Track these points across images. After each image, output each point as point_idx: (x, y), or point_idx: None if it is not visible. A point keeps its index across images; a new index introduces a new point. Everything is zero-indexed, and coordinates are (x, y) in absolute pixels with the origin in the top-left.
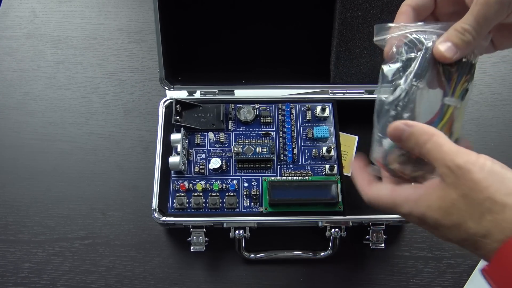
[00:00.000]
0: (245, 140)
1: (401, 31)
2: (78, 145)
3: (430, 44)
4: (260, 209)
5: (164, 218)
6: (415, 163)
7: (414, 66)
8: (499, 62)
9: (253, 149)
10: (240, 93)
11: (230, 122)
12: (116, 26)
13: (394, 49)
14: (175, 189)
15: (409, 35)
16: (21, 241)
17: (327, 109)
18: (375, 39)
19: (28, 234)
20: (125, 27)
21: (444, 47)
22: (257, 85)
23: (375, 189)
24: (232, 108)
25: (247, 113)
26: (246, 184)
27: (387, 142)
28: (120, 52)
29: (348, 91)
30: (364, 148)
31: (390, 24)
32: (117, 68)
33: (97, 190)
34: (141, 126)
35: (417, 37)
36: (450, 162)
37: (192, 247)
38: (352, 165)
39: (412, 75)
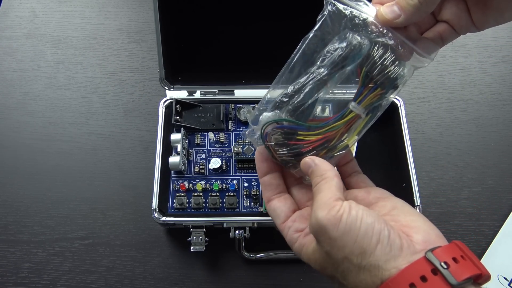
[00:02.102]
0: (245, 140)
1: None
2: (78, 145)
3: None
4: (260, 209)
5: (164, 218)
6: (291, 150)
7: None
8: (499, 62)
9: (253, 149)
10: (240, 93)
11: (230, 122)
12: (116, 26)
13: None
14: (175, 189)
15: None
16: (21, 241)
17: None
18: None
19: (28, 234)
20: (125, 27)
21: (388, 8)
22: (257, 85)
23: (271, 205)
24: (232, 108)
25: (247, 113)
26: (246, 184)
27: (269, 114)
28: (120, 52)
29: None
30: (364, 148)
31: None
32: (117, 68)
33: (97, 190)
34: (141, 126)
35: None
36: (313, 218)
37: (192, 247)
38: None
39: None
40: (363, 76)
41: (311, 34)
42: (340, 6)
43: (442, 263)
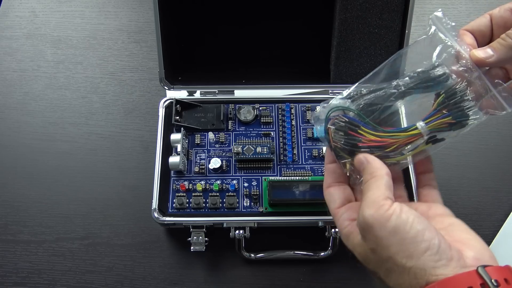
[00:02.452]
0: (245, 140)
1: None
2: (78, 145)
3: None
4: (260, 209)
5: (164, 218)
6: (347, 140)
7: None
8: None
9: (253, 149)
10: (240, 93)
11: (230, 122)
12: (116, 26)
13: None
14: (175, 189)
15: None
16: (21, 241)
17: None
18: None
19: (28, 234)
20: (125, 27)
21: (480, 49)
22: (257, 85)
23: (329, 191)
24: (232, 108)
25: (247, 113)
26: (246, 184)
27: (341, 100)
28: (120, 52)
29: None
30: None
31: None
32: (117, 68)
33: (97, 190)
34: (141, 126)
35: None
36: (360, 215)
37: (192, 247)
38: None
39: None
40: (440, 101)
41: (407, 49)
42: (441, 34)
43: (493, 280)
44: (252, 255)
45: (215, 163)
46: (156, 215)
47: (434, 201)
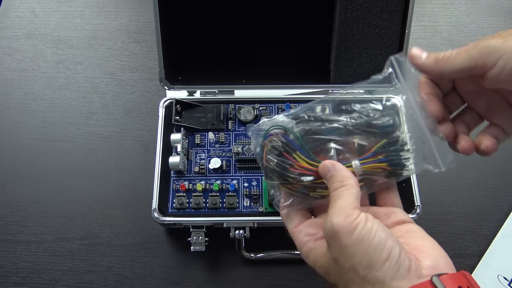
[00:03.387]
0: (245, 140)
1: None
2: (78, 145)
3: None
4: (260, 209)
5: (164, 218)
6: (279, 161)
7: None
8: None
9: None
10: (240, 93)
11: (230, 122)
12: (116, 26)
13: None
14: (175, 189)
15: None
16: (21, 241)
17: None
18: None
19: (28, 234)
20: (125, 27)
21: (419, 50)
22: (257, 85)
23: (288, 212)
24: (232, 108)
25: (247, 113)
26: (246, 184)
27: (285, 119)
28: (120, 52)
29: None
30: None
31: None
32: (117, 68)
33: (97, 190)
34: (141, 126)
35: None
36: (328, 222)
37: (192, 247)
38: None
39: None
40: (380, 146)
41: (364, 84)
42: (396, 80)
43: None
44: (252, 255)
45: (215, 163)
46: (156, 215)
47: (393, 205)
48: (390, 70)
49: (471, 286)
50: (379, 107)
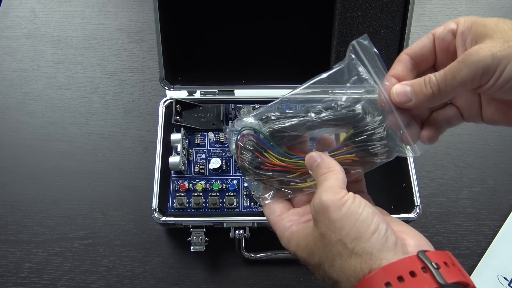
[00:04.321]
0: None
1: None
2: (78, 145)
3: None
4: (260, 209)
5: (164, 218)
6: (253, 160)
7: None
8: None
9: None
10: (240, 93)
11: (230, 122)
12: (116, 26)
13: None
14: (175, 189)
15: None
16: (21, 241)
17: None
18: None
19: (28, 234)
20: (125, 27)
21: (400, 88)
22: (257, 85)
23: (269, 205)
24: (232, 108)
25: (247, 113)
26: (246, 184)
27: (253, 121)
28: (120, 52)
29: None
30: None
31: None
32: (117, 68)
33: (97, 190)
34: (141, 126)
35: None
36: (317, 198)
37: (192, 247)
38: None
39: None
40: (346, 137)
41: (324, 76)
42: (360, 68)
43: (433, 263)
44: (252, 255)
45: (215, 163)
46: (156, 215)
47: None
48: (353, 56)
49: (455, 264)
50: (343, 98)
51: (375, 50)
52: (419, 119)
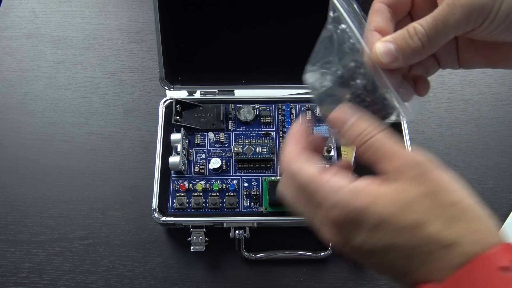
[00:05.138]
0: (245, 140)
1: None
2: (78, 145)
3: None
4: (260, 209)
5: (164, 218)
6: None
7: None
8: None
9: (253, 149)
10: (240, 93)
11: (230, 122)
12: (116, 26)
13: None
14: (175, 189)
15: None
16: (21, 241)
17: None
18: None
19: (28, 234)
20: (125, 27)
21: (383, 47)
22: (257, 85)
23: (300, 163)
24: (232, 108)
25: (247, 113)
26: (246, 184)
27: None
28: (120, 52)
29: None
30: None
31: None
32: (117, 68)
33: (97, 190)
34: (141, 126)
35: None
36: (411, 158)
37: (192, 247)
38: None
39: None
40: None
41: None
42: (343, 25)
43: None
44: (252, 255)
45: (215, 163)
46: (156, 215)
47: None
48: (335, 14)
49: None
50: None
51: (355, 3)
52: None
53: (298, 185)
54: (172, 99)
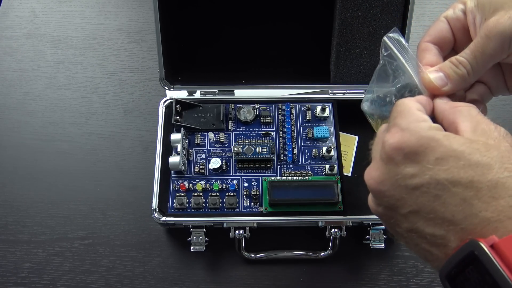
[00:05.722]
0: (245, 140)
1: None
2: (78, 145)
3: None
4: (260, 209)
5: (164, 218)
6: None
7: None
8: None
9: (253, 149)
10: (240, 93)
11: (230, 122)
12: (116, 26)
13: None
14: (175, 189)
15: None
16: (21, 241)
17: (327, 109)
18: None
19: (28, 234)
20: (125, 27)
21: (434, 75)
22: (257, 85)
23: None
24: (232, 108)
25: (247, 113)
26: (246, 184)
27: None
28: (120, 52)
29: (348, 91)
30: (364, 148)
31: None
32: (117, 68)
33: (97, 190)
34: (141, 126)
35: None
36: (494, 126)
37: (192, 247)
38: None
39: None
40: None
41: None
42: (395, 62)
43: None
44: (252, 255)
45: (215, 163)
46: (156, 215)
47: None
48: (384, 52)
49: None
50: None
51: (404, 41)
52: None
53: (392, 111)
54: (172, 99)
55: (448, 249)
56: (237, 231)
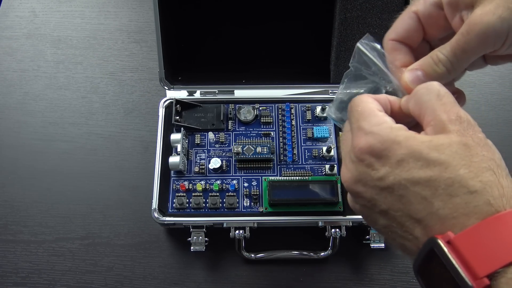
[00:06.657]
0: (245, 140)
1: None
2: (78, 145)
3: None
4: (260, 209)
5: (164, 218)
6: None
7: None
8: None
9: (253, 149)
10: (240, 93)
11: (230, 122)
12: (116, 26)
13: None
14: (175, 189)
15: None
16: (21, 241)
17: (327, 108)
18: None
19: (28, 234)
20: (125, 27)
21: (412, 76)
22: (257, 85)
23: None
24: (232, 108)
25: (247, 113)
26: (246, 184)
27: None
28: (120, 52)
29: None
30: None
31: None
32: (117, 68)
33: (97, 190)
34: (141, 126)
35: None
36: (461, 112)
37: (192, 247)
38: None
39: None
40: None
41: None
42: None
43: None
44: (252, 255)
45: (215, 163)
46: (156, 215)
47: None
48: (356, 59)
49: None
50: None
51: (379, 46)
52: None
53: (352, 110)
54: (172, 99)
55: (419, 243)
56: (237, 231)
